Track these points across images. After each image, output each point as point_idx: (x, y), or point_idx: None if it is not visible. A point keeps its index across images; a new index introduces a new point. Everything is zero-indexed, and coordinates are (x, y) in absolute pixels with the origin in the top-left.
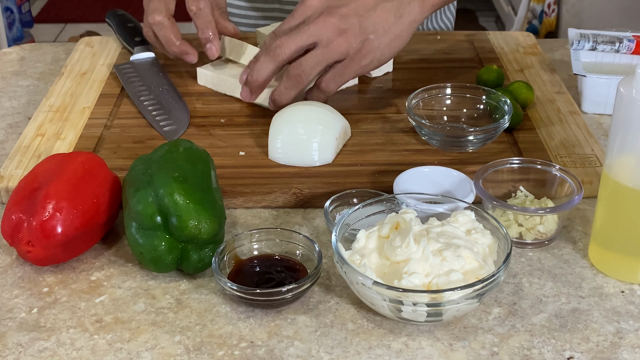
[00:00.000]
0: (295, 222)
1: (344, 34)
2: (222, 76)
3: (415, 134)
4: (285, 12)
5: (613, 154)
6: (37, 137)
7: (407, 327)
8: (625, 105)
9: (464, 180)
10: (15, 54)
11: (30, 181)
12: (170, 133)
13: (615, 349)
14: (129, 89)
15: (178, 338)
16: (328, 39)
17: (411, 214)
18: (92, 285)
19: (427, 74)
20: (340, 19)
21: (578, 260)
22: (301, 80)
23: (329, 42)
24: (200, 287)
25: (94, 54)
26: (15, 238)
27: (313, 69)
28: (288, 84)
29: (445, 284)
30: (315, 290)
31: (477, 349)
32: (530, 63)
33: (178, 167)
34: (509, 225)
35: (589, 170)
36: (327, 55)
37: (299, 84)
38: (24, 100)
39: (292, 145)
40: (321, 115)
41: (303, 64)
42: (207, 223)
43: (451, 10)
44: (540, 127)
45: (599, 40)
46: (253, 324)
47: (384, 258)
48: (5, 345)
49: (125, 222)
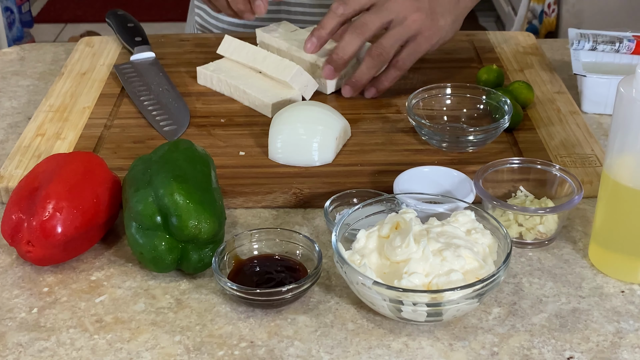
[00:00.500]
0: (295, 222)
1: (417, 12)
2: (222, 77)
3: (415, 134)
4: (291, 13)
5: (613, 154)
6: (37, 137)
7: (407, 327)
8: (625, 105)
9: (464, 180)
10: (15, 54)
11: (30, 181)
12: (170, 133)
13: (615, 349)
14: (129, 89)
15: (178, 338)
16: (404, 16)
17: (411, 214)
18: (92, 285)
19: (427, 74)
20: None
21: (578, 260)
22: (383, 58)
23: (404, 20)
24: (200, 287)
25: (94, 54)
26: (15, 238)
27: (392, 47)
28: (371, 63)
29: (445, 284)
30: (315, 290)
31: (477, 349)
32: (530, 63)
33: (178, 167)
34: (509, 225)
35: (589, 170)
36: (404, 33)
37: (382, 62)
38: (24, 100)
39: (292, 146)
40: (321, 115)
41: (383, 43)
42: (207, 223)
43: None
44: (540, 127)
45: (599, 40)
46: (253, 324)
47: (384, 258)
48: (5, 345)
49: (125, 222)
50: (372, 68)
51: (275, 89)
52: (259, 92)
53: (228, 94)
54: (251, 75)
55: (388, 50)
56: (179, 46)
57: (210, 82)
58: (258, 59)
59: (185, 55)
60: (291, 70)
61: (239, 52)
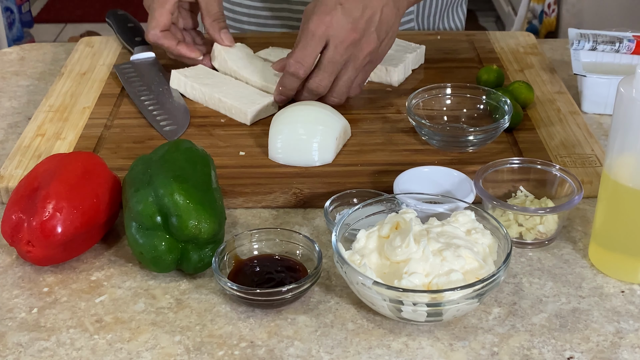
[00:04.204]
0: (295, 222)
1: (366, 47)
2: (195, 84)
3: (415, 134)
4: (294, 11)
5: (613, 154)
6: (37, 137)
7: (407, 327)
8: (625, 105)
9: (464, 180)
10: (15, 54)
11: (30, 181)
12: (170, 133)
13: (615, 349)
14: (129, 89)
15: (178, 338)
16: (355, 57)
17: (411, 214)
18: (92, 285)
19: (427, 74)
20: (362, 34)
21: (578, 260)
22: (342, 101)
23: (356, 60)
24: (200, 287)
25: (94, 54)
26: (15, 238)
27: (347, 91)
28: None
29: (445, 284)
30: (315, 290)
31: (477, 349)
32: (530, 63)
33: (178, 167)
34: (509, 225)
35: (589, 170)
36: (356, 73)
37: (342, 100)
38: (24, 100)
39: (292, 145)
40: (321, 115)
41: (339, 93)
42: (207, 223)
43: (463, 11)
44: (540, 127)
45: (599, 40)
46: (253, 324)
47: (384, 258)
48: (5, 345)
49: (125, 222)
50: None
51: (252, 95)
52: (235, 99)
53: (203, 102)
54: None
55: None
56: None
57: (182, 88)
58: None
59: None
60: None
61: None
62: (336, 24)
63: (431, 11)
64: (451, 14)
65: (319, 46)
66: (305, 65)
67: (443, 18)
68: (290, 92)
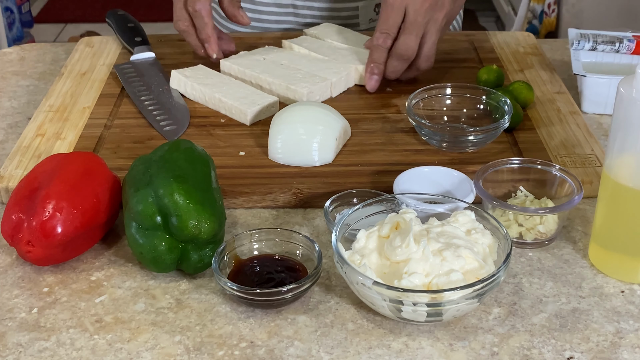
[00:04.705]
0: (295, 222)
1: (443, 8)
2: (195, 84)
3: (415, 134)
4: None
5: (613, 154)
6: (37, 137)
7: (407, 327)
8: (625, 105)
9: (464, 180)
10: (15, 54)
11: (30, 181)
12: (170, 133)
13: (615, 349)
14: (129, 89)
15: (178, 338)
16: (435, 19)
17: (411, 214)
18: (92, 285)
19: (427, 74)
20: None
21: (578, 260)
22: (432, 61)
23: (436, 22)
24: (200, 287)
25: (94, 54)
26: (15, 238)
27: (435, 52)
28: (415, 74)
29: (445, 284)
30: (315, 290)
31: (477, 349)
32: (530, 63)
33: (178, 167)
34: (509, 225)
35: (589, 170)
36: (439, 34)
37: (431, 65)
38: (24, 100)
39: (292, 146)
40: (321, 115)
41: (429, 55)
42: (207, 223)
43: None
44: (540, 127)
45: (599, 40)
46: (253, 324)
47: (384, 258)
48: (5, 345)
49: (125, 222)
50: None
51: (253, 95)
52: (235, 99)
53: (203, 102)
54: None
55: (434, 58)
56: (178, 46)
57: (182, 88)
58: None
59: (185, 55)
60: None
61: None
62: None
63: None
64: None
65: (400, 16)
66: (391, 34)
67: None
68: (380, 65)
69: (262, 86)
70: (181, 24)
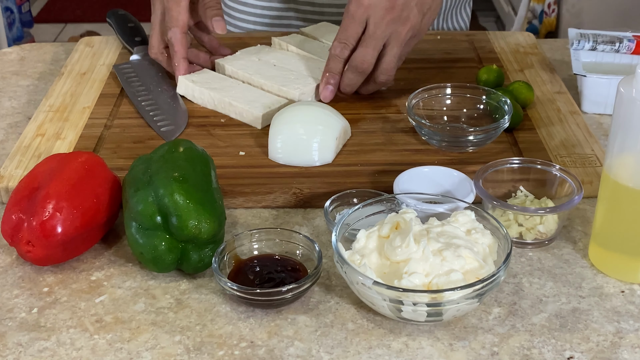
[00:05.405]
0: (295, 222)
1: (408, 22)
2: (203, 89)
3: (415, 134)
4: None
5: (613, 154)
6: (37, 137)
7: (407, 327)
8: (625, 105)
9: (464, 180)
10: (15, 54)
11: (30, 181)
12: (167, 133)
13: (615, 349)
14: (128, 89)
15: (178, 338)
16: (398, 32)
17: (411, 214)
18: (92, 285)
19: (427, 74)
20: (402, 10)
21: (578, 260)
22: (391, 80)
23: (399, 36)
24: (200, 287)
25: (94, 54)
26: (15, 238)
27: (395, 67)
28: (374, 87)
29: (445, 283)
30: (315, 290)
31: (477, 349)
32: (530, 63)
33: (178, 167)
34: (509, 225)
35: (589, 170)
36: (401, 49)
37: (389, 84)
38: (24, 100)
39: (292, 145)
40: (321, 115)
41: (388, 69)
42: (207, 223)
43: (467, 12)
44: (540, 127)
45: (599, 40)
46: (253, 324)
47: (384, 258)
48: (5, 345)
49: (125, 222)
50: (373, 90)
51: (263, 98)
52: (246, 103)
53: (212, 107)
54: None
55: (393, 73)
56: None
57: (190, 94)
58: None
59: None
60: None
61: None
62: (374, 4)
63: None
64: (456, 14)
65: (359, 26)
66: (348, 44)
67: (447, 18)
68: (336, 75)
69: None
70: (152, 53)
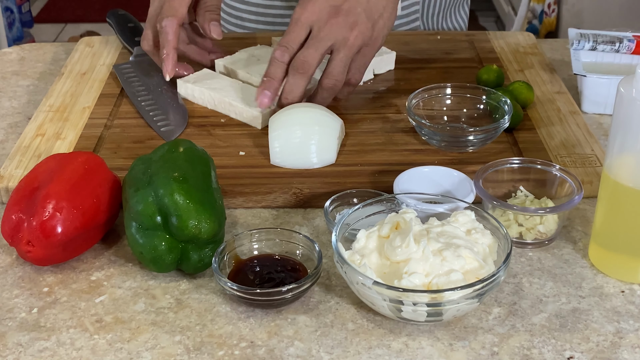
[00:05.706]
0: (295, 222)
1: (355, 28)
2: (203, 89)
3: (415, 134)
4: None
5: (613, 154)
6: (37, 137)
7: (407, 327)
8: (625, 105)
9: (464, 180)
10: (15, 54)
11: (30, 181)
12: (167, 133)
13: (615, 349)
14: (128, 89)
15: (178, 338)
16: (344, 37)
17: (411, 214)
18: (92, 285)
19: (427, 74)
20: (347, 15)
21: (578, 260)
22: (337, 88)
23: (345, 41)
24: (200, 287)
25: (94, 54)
26: (15, 238)
27: (342, 72)
28: (325, 94)
29: (445, 283)
30: (315, 290)
31: (477, 349)
32: (530, 63)
33: (178, 167)
34: (509, 225)
35: (589, 170)
36: (349, 54)
37: (335, 92)
38: (24, 100)
39: (292, 149)
40: (318, 116)
41: (333, 73)
42: (207, 223)
43: (465, 11)
44: (540, 127)
45: (599, 40)
46: (253, 324)
47: (384, 258)
48: (5, 345)
49: (125, 222)
50: (327, 99)
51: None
52: (246, 103)
53: (212, 107)
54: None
55: (340, 78)
56: None
57: (190, 95)
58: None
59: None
60: None
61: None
62: (317, 9)
63: (435, 10)
64: (454, 14)
65: (303, 31)
66: (289, 48)
67: (446, 17)
68: (274, 80)
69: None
70: (144, 44)
